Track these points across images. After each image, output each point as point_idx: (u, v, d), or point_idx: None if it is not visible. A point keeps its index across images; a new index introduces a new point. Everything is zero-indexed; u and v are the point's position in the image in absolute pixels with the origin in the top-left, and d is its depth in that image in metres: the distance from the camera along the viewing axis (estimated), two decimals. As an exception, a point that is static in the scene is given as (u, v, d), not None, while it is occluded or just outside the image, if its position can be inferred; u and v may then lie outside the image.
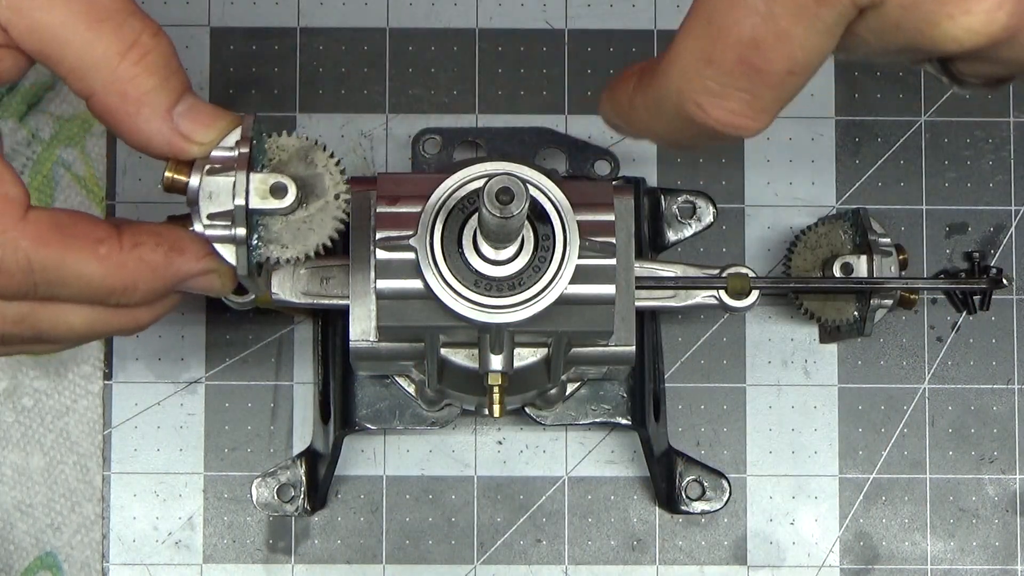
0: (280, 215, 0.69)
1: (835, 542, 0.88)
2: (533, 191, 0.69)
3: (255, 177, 0.68)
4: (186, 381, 0.88)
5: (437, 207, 0.69)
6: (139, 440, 0.88)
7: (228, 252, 0.69)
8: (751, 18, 0.58)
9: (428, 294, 0.69)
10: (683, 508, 0.86)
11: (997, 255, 0.89)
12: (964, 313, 0.89)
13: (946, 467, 0.89)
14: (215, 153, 0.69)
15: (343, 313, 0.76)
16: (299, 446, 0.88)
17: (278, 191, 0.68)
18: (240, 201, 0.67)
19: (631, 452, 0.88)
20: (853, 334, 0.85)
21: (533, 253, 0.69)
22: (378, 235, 0.71)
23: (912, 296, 0.85)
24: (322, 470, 0.85)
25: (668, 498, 0.86)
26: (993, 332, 0.89)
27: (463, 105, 0.90)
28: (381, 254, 0.70)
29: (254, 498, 0.85)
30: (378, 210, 0.71)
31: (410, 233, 0.69)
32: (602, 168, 0.87)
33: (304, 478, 0.85)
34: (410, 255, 0.69)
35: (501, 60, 0.90)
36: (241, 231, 0.68)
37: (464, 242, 0.69)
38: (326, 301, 0.77)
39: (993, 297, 0.87)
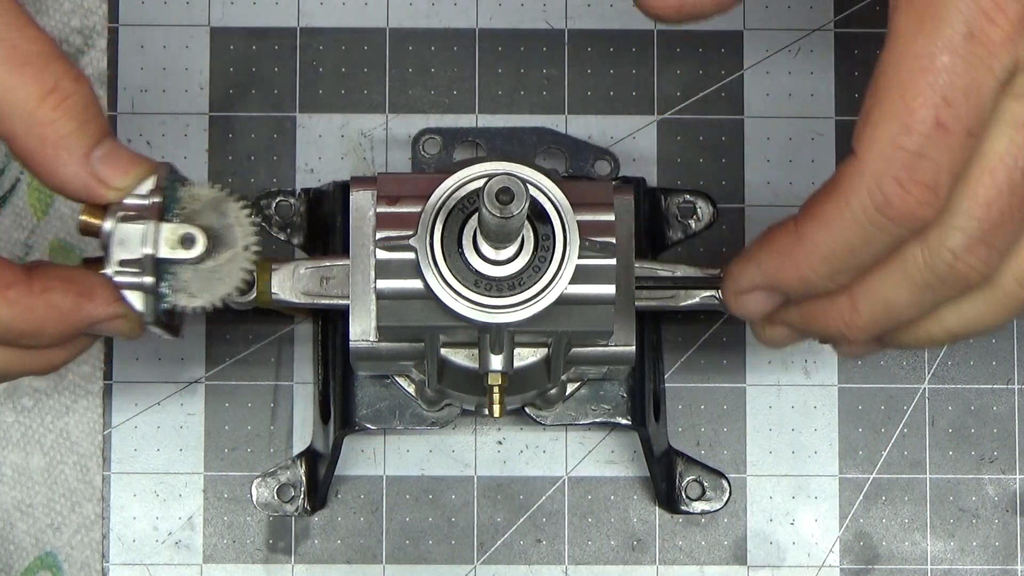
0: (189, 265, 0.71)
1: (835, 542, 0.88)
2: (533, 191, 0.69)
3: (165, 227, 0.70)
4: (186, 381, 0.88)
5: (437, 207, 0.69)
6: (139, 440, 0.88)
7: (137, 299, 0.71)
8: (942, 77, 0.60)
9: (428, 294, 0.69)
10: (683, 508, 0.86)
11: (997, 255, 0.89)
12: (964, 313, 0.89)
13: (946, 467, 0.89)
14: (129, 200, 0.70)
15: (343, 313, 0.76)
16: (299, 446, 0.88)
17: (188, 241, 0.70)
18: (149, 250, 0.70)
19: (631, 452, 0.88)
20: (853, 334, 0.85)
21: (533, 253, 0.69)
22: (378, 235, 0.71)
23: (912, 296, 0.85)
24: (322, 470, 0.85)
25: (668, 498, 0.86)
26: (993, 332, 0.89)
27: (463, 105, 0.90)
28: (381, 254, 0.71)
29: (254, 498, 0.85)
30: (378, 210, 0.71)
31: (410, 233, 0.69)
32: (602, 168, 0.87)
33: (304, 478, 0.85)
34: (410, 255, 0.69)
35: (501, 60, 0.90)
36: (149, 279, 0.70)
37: (464, 242, 0.69)
38: (326, 301, 0.77)
39: (993, 297, 0.87)
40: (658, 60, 0.90)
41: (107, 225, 0.71)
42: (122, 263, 0.70)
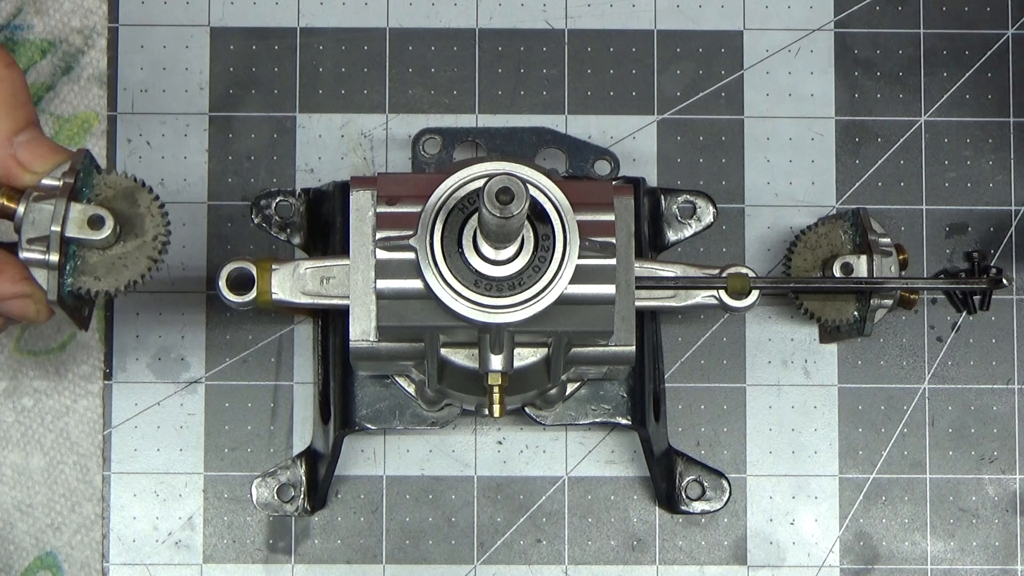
0: (97, 248, 0.72)
1: (835, 542, 0.88)
2: (533, 191, 0.69)
3: (75, 207, 0.71)
4: (186, 381, 0.88)
5: (437, 207, 0.69)
6: (139, 440, 0.88)
7: (42, 277, 0.71)
8: None
9: (428, 294, 0.69)
10: (683, 508, 0.86)
11: (997, 255, 0.89)
12: (964, 313, 0.89)
13: (946, 467, 0.89)
14: (45, 182, 0.72)
15: (343, 313, 0.76)
16: (299, 446, 0.88)
17: (96, 222, 0.71)
18: (57, 228, 0.70)
19: (631, 452, 0.88)
20: (853, 334, 0.85)
21: (533, 253, 0.69)
22: (378, 235, 0.71)
23: (912, 296, 0.85)
24: (322, 470, 0.85)
25: (668, 498, 0.86)
26: (993, 332, 0.89)
27: (463, 105, 0.90)
28: (381, 254, 0.71)
29: (254, 498, 0.85)
30: (378, 210, 0.71)
31: (410, 233, 0.69)
32: (602, 168, 0.87)
33: (304, 478, 0.85)
34: (410, 255, 0.70)
35: (501, 60, 0.90)
36: (55, 257, 0.71)
37: (464, 242, 0.69)
38: (326, 301, 0.77)
39: (993, 297, 0.87)
40: (658, 60, 0.90)
41: (20, 208, 0.72)
42: (30, 241, 0.71)
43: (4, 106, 0.71)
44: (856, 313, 0.83)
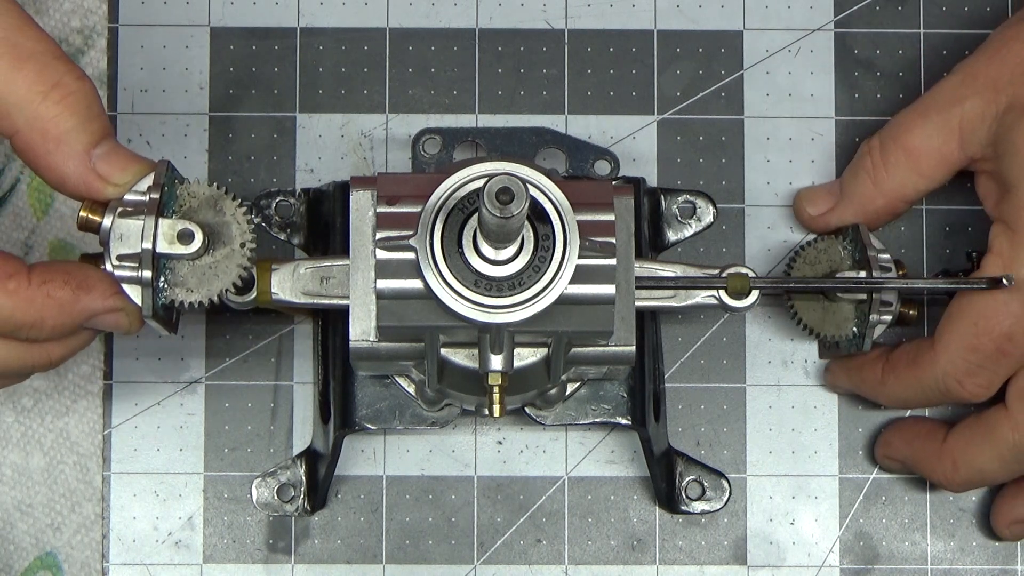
0: (187, 260, 0.72)
1: (835, 542, 0.88)
2: (533, 191, 0.69)
3: (164, 223, 0.72)
4: (186, 381, 0.88)
5: (437, 207, 0.69)
6: (139, 440, 0.88)
7: (135, 292, 0.72)
8: (1008, 320, 0.78)
9: (428, 294, 0.69)
10: (683, 508, 0.86)
11: (997, 255, 0.89)
12: (964, 313, 0.89)
13: (946, 467, 0.88)
14: (128, 196, 0.72)
15: (343, 313, 0.76)
16: (299, 446, 0.88)
17: (185, 237, 0.72)
18: (148, 245, 0.71)
19: (631, 452, 0.88)
20: (852, 349, 0.84)
21: (533, 253, 0.69)
22: (378, 235, 0.71)
23: (911, 312, 0.85)
24: (322, 470, 0.85)
25: (668, 498, 0.86)
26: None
27: (463, 105, 0.90)
28: (381, 254, 0.71)
29: (254, 498, 0.85)
30: (378, 210, 0.71)
31: (410, 233, 0.69)
32: (602, 168, 0.87)
33: (304, 478, 0.85)
34: (410, 255, 0.70)
35: (501, 60, 0.90)
36: (147, 274, 0.71)
37: (464, 242, 0.69)
38: (326, 301, 0.77)
39: (993, 297, 0.87)
40: (658, 60, 0.90)
41: (106, 221, 0.72)
42: (120, 257, 0.72)
43: (79, 119, 0.70)
44: (855, 329, 0.83)
